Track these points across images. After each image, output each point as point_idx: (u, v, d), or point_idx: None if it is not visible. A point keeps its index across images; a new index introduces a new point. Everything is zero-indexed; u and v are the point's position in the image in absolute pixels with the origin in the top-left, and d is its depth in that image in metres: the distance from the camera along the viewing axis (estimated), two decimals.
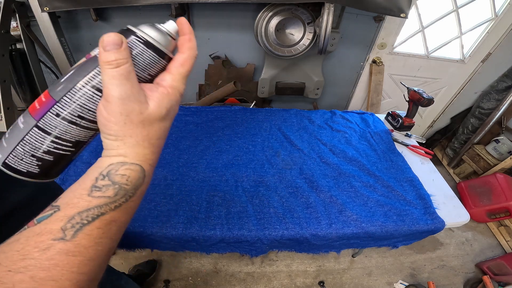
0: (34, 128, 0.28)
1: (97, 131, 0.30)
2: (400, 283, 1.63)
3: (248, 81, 2.01)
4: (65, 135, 0.28)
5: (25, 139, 0.28)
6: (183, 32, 0.30)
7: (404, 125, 1.44)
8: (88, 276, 0.23)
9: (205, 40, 1.80)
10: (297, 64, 1.88)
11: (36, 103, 0.28)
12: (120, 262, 1.57)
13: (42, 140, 0.28)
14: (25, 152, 0.28)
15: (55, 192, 0.51)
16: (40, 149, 0.28)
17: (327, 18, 1.39)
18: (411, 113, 1.41)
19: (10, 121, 1.34)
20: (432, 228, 0.98)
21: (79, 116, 0.28)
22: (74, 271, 0.22)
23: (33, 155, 0.28)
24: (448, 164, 2.55)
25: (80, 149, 0.31)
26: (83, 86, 0.27)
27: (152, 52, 0.28)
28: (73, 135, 0.29)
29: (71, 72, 0.28)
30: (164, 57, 0.29)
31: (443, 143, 2.71)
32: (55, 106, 0.27)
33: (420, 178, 1.16)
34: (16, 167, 0.29)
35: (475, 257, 1.83)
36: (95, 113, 0.28)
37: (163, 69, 0.30)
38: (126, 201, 0.26)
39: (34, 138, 0.28)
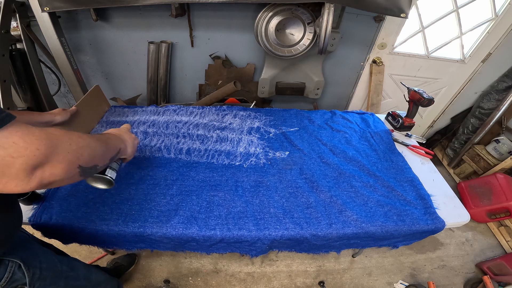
0: None
1: None
2: (400, 283, 1.63)
3: (248, 81, 2.01)
4: None
5: None
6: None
7: (404, 125, 1.44)
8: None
9: (205, 40, 1.80)
10: (297, 64, 1.88)
11: None
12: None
13: None
14: None
15: None
16: None
17: (327, 18, 1.39)
18: (411, 113, 1.41)
19: None
20: (432, 228, 0.98)
21: None
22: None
23: None
24: (448, 164, 2.55)
25: None
26: None
27: None
28: None
29: None
30: None
31: (443, 143, 2.71)
32: None
33: (420, 178, 1.16)
34: None
35: (475, 257, 1.83)
36: None
37: None
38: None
39: None
